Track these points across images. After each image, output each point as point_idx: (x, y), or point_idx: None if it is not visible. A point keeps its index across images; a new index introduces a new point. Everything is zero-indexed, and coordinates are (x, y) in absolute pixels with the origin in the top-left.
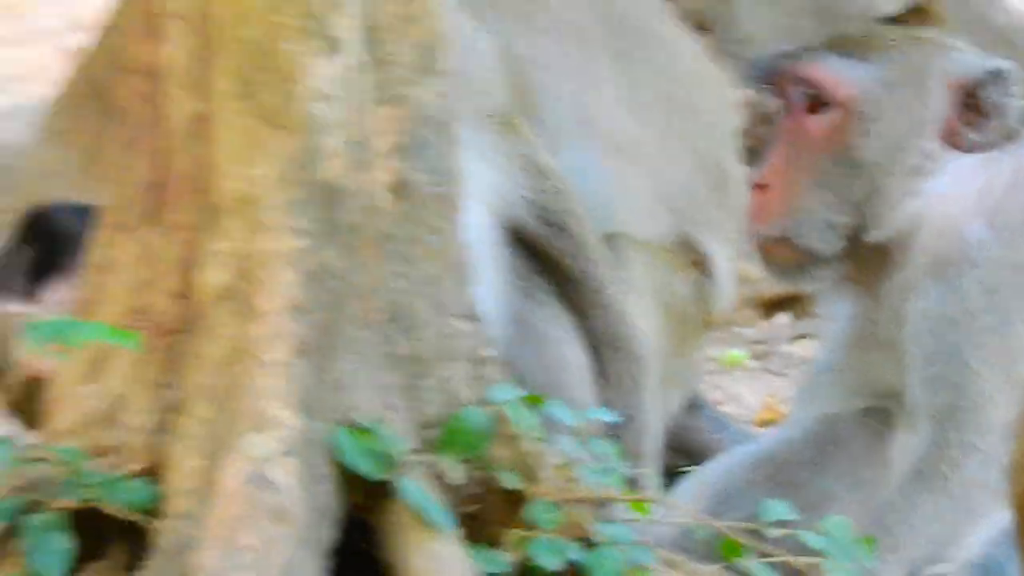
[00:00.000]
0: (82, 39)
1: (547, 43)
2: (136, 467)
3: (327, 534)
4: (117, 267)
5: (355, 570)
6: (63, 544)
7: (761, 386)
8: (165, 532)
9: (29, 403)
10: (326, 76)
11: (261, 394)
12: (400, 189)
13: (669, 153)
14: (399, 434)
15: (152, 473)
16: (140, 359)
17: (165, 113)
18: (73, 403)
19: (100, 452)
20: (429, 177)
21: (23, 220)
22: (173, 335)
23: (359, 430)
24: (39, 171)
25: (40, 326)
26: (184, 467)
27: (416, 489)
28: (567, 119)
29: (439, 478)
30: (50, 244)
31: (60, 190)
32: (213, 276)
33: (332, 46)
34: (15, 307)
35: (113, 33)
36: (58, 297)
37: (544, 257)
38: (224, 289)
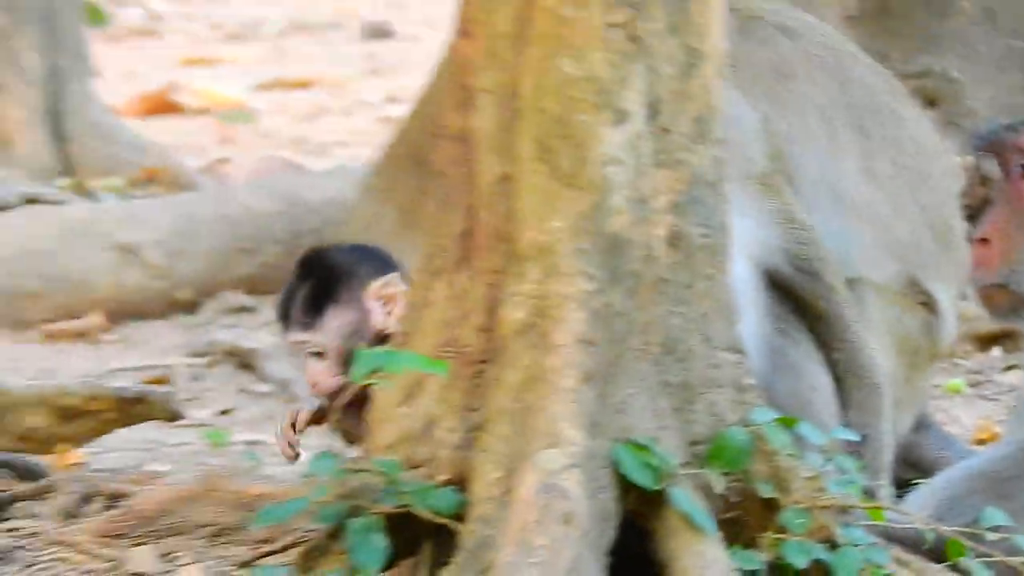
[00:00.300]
0: (397, 110)
1: (797, 120)
2: (444, 477)
3: (608, 536)
4: (431, 306)
5: (631, 567)
6: (380, 543)
7: (976, 410)
8: (469, 533)
9: (351, 423)
10: (614, 143)
11: (553, 416)
12: (675, 240)
13: (899, 212)
14: (671, 450)
15: (458, 483)
16: (449, 385)
17: (475, 174)
18: (391, 423)
19: (414, 465)
20: (701, 230)
21: (304, 258)
22: (478, 364)
23: (636, 446)
24: (363, 223)
25: (366, 356)
26: (486, 478)
27: (685, 498)
28: (814, 184)
29: (705, 488)
30: (328, 278)
31: (380, 240)
32: (513, 314)
33: (620, 118)
34: (297, 335)
35: (428, 104)
36: (335, 324)
37: (798, 299)
38: (523, 325)
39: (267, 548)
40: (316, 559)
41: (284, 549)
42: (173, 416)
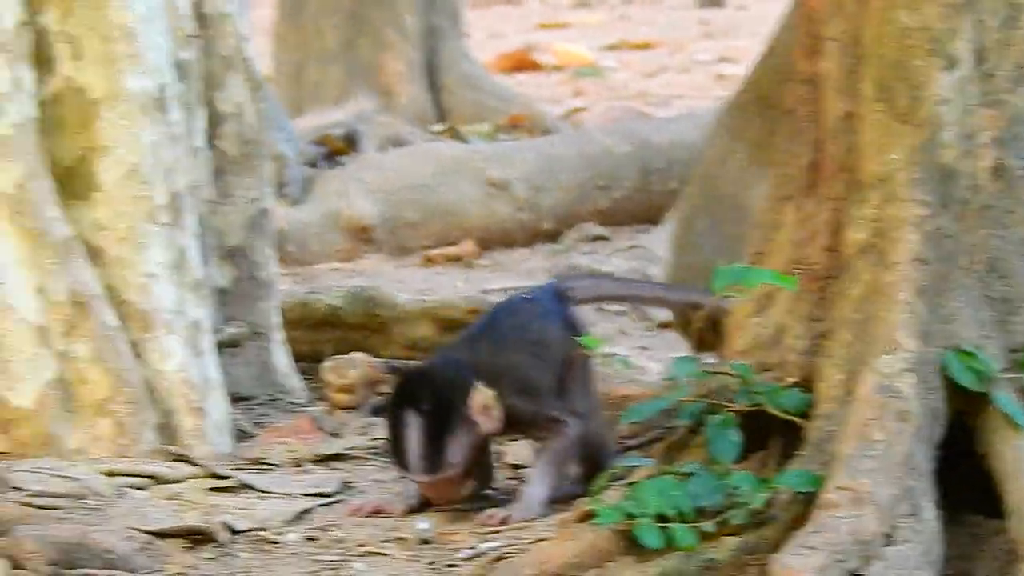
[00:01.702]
0: (729, 68)
1: None
2: (792, 380)
3: (937, 432)
4: (781, 228)
5: (956, 458)
6: (735, 438)
7: None
8: (814, 429)
9: (711, 333)
10: (945, 85)
11: (890, 325)
12: (998, 171)
13: None
14: (993, 357)
15: (804, 385)
16: (797, 298)
17: (821, 112)
18: (746, 331)
19: (765, 368)
20: (1021, 163)
21: (397, 398)
22: (823, 280)
23: (963, 353)
24: (717, 159)
25: (724, 272)
26: (830, 380)
27: (1006, 399)
28: None
29: (1022, 391)
30: (433, 416)
31: (732, 173)
32: (856, 235)
33: (950, 63)
34: (424, 478)
35: (774, 53)
36: (456, 457)
37: None
38: (864, 245)
39: (632, 443)
40: (677, 452)
41: (647, 444)
42: None
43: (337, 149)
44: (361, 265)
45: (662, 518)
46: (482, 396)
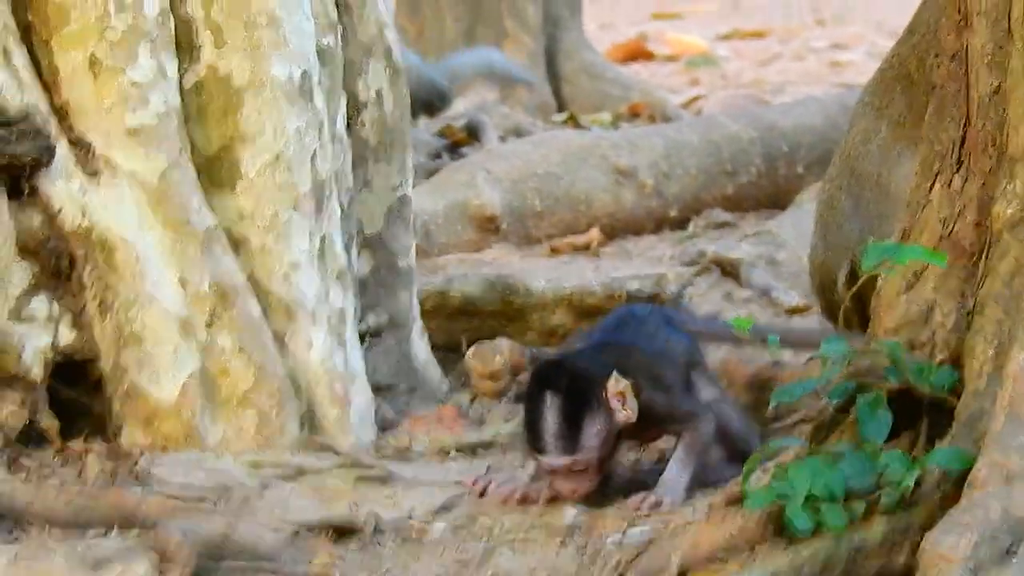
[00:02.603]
0: (843, 55)
1: None
2: (941, 357)
3: None
4: (929, 205)
5: None
6: (885, 417)
7: None
8: (963, 407)
9: (856, 313)
10: None
11: None
12: None
13: None
14: None
15: (954, 362)
16: (946, 274)
17: (969, 87)
18: (895, 309)
19: (914, 346)
20: None
21: (537, 380)
22: (972, 256)
23: None
24: (859, 139)
25: (872, 249)
26: (979, 356)
27: None
28: None
29: None
30: (571, 396)
31: (875, 152)
32: (1005, 210)
33: None
34: (560, 460)
35: (919, 30)
36: (593, 440)
37: None
38: (1013, 220)
39: (778, 425)
40: (827, 432)
41: (794, 425)
42: None
43: (459, 140)
44: (488, 255)
45: (811, 499)
46: (619, 384)
